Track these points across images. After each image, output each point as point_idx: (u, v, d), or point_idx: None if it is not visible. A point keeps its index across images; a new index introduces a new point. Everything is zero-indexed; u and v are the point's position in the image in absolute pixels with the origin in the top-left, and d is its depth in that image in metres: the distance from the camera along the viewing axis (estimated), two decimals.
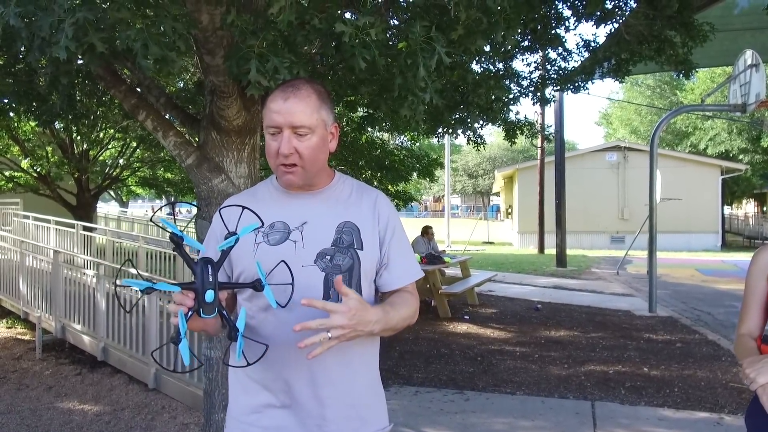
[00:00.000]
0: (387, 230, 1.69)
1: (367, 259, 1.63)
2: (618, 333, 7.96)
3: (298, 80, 1.62)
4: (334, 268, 1.59)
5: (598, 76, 6.70)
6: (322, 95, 1.59)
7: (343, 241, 1.61)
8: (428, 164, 10.17)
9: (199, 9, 2.47)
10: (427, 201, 67.01)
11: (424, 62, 2.31)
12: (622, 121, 34.44)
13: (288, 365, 1.57)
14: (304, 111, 1.54)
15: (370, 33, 2.25)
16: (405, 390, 5.50)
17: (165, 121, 3.08)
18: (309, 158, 1.56)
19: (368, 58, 2.23)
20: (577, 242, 22.47)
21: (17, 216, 12.23)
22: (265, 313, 1.60)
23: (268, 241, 1.60)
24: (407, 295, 1.73)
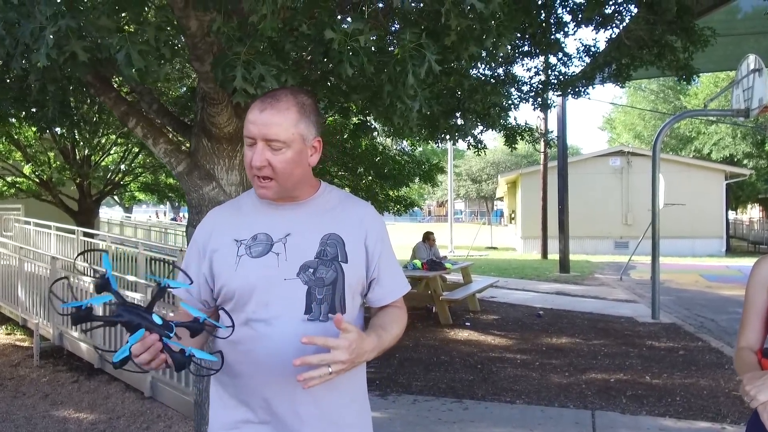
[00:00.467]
0: (376, 245, 1.66)
1: (351, 273, 1.59)
2: (620, 340, 7.89)
3: (282, 91, 1.57)
4: (317, 281, 1.55)
5: (599, 81, 6.66)
6: (304, 108, 1.54)
7: (327, 253, 1.57)
8: (429, 169, 10.13)
9: (188, 15, 2.43)
10: (431, 206, 66.96)
11: (413, 70, 2.27)
12: (625, 126, 34.33)
13: (268, 381, 1.53)
14: (280, 124, 1.49)
15: (359, 40, 2.21)
16: (403, 398, 5.45)
17: (155, 128, 3.04)
18: (282, 172, 1.52)
19: (356, 65, 2.19)
20: (580, 248, 22.38)
21: (18, 222, 12.22)
22: (245, 328, 1.55)
23: (250, 253, 1.56)
24: (397, 311, 1.71)
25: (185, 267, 1.66)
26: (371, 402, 1.74)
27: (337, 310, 1.56)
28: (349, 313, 1.59)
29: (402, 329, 1.68)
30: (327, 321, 1.54)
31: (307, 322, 1.52)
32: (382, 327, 1.60)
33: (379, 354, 1.56)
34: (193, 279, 1.61)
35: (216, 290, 1.60)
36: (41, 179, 12.94)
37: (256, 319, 1.53)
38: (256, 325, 1.53)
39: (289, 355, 1.48)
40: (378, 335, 1.53)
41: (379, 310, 1.72)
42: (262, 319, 1.53)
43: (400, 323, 1.68)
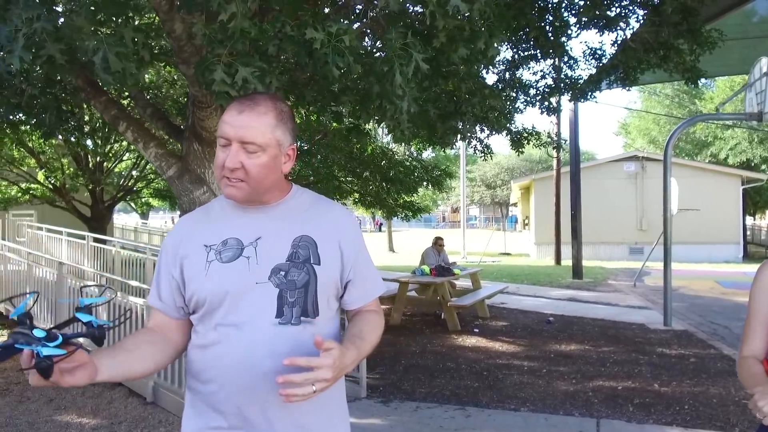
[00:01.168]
0: (352, 247, 1.63)
1: (324, 275, 1.56)
2: (630, 347, 7.76)
3: (261, 95, 1.55)
4: (288, 284, 1.52)
5: (606, 85, 6.59)
6: (282, 114, 1.52)
7: (299, 255, 1.54)
8: (438, 175, 10.07)
9: (172, 18, 2.41)
10: (444, 212, 66.79)
11: (400, 69, 2.23)
12: (640, 131, 34.03)
13: (239, 386, 1.50)
14: (257, 128, 1.47)
15: (344, 39, 2.17)
16: (406, 405, 5.38)
17: (146, 132, 3.03)
18: (255, 176, 1.49)
19: (341, 65, 2.16)
20: (594, 253, 22.16)
21: (31, 227, 12.34)
22: (214, 333, 1.52)
23: (220, 258, 1.53)
24: (373, 316, 1.69)
25: (156, 278, 1.64)
26: (373, 408, 1.73)
27: (310, 314, 1.53)
28: (322, 316, 1.56)
29: (379, 335, 1.66)
30: (299, 324, 1.51)
31: (278, 325, 1.50)
32: (360, 336, 1.57)
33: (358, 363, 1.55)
34: (163, 291, 1.60)
35: (187, 297, 1.56)
36: (55, 186, 13.10)
37: (226, 323, 1.50)
38: (226, 330, 1.50)
39: (260, 360, 1.47)
40: (357, 347, 1.51)
41: (355, 314, 1.69)
42: (232, 324, 1.50)
43: (378, 329, 1.67)
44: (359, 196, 10.28)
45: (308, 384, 1.32)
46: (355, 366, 1.50)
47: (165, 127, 3.31)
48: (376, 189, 9.03)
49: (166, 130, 3.32)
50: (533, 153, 41.83)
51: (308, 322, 1.53)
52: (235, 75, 2.01)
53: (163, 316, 1.61)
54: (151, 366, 1.55)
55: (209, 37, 2.19)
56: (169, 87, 9.27)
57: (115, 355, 1.45)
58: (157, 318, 1.62)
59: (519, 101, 6.58)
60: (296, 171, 9.51)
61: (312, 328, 1.53)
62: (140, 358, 1.50)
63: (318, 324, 1.55)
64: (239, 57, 2.18)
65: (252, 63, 2.15)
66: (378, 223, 50.61)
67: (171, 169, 3.01)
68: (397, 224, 44.36)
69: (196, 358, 1.56)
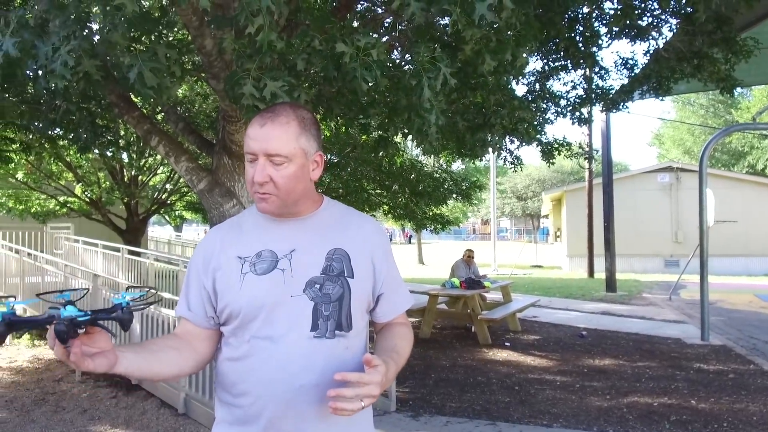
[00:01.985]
0: (383, 260, 1.63)
1: (357, 288, 1.56)
2: (666, 362, 7.59)
3: (281, 105, 1.54)
4: (323, 297, 1.51)
5: (639, 95, 6.50)
6: (305, 122, 1.51)
7: (333, 269, 1.54)
8: (467, 188, 10.02)
9: (203, 34, 2.45)
10: (475, 224, 66.43)
11: (428, 83, 2.23)
12: (674, 142, 33.47)
13: (273, 400, 1.49)
14: (280, 138, 1.47)
15: (372, 53, 2.18)
16: (435, 420, 5.33)
17: (177, 146, 3.08)
18: (284, 188, 1.49)
19: (369, 79, 2.16)
20: (629, 266, 21.79)
21: (68, 240, 12.61)
22: (248, 345, 1.52)
23: (255, 270, 1.53)
24: (403, 329, 1.69)
25: (185, 289, 1.64)
26: (403, 422, 1.74)
27: (344, 327, 1.53)
28: (355, 329, 1.56)
29: (411, 347, 1.67)
30: (333, 338, 1.51)
31: (313, 339, 1.49)
32: (396, 351, 1.58)
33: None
34: (192, 301, 1.60)
35: (219, 308, 1.56)
36: (91, 199, 13.38)
37: (261, 336, 1.50)
38: (261, 343, 1.50)
39: (295, 374, 1.47)
40: (395, 361, 1.53)
41: (384, 327, 1.68)
42: (267, 337, 1.49)
43: (409, 342, 1.68)
44: (388, 208, 10.28)
45: (357, 399, 1.33)
46: (392, 380, 1.51)
47: (196, 141, 3.36)
48: (405, 201, 9.02)
49: (197, 144, 3.36)
50: (565, 164, 41.43)
51: (342, 335, 1.52)
52: (263, 89, 2.03)
53: (192, 326, 1.60)
54: (174, 370, 1.54)
55: (238, 52, 2.22)
56: (202, 102, 9.43)
57: (138, 351, 1.44)
58: (185, 327, 1.62)
59: (549, 112, 6.52)
60: (326, 183, 9.57)
61: (345, 341, 1.53)
62: (163, 361, 1.49)
63: (351, 337, 1.55)
64: (268, 71, 2.20)
65: (280, 77, 2.17)
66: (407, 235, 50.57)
67: (201, 183, 3.05)
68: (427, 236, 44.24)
69: (228, 370, 1.56)
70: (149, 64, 2.00)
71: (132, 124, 3.04)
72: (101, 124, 4.47)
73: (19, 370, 7.57)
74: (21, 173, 12.42)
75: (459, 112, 3.82)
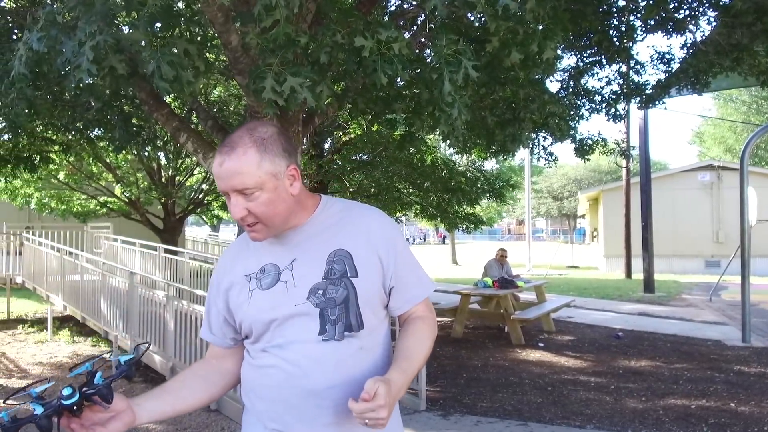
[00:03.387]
0: (389, 253, 1.58)
1: (363, 287, 1.52)
2: (705, 364, 7.38)
3: (237, 134, 1.47)
4: (328, 301, 1.50)
5: (676, 91, 6.34)
6: (264, 144, 1.44)
7: (335, 271, 1.52)
8: (501, 187, 9.92)
9: (228, 30, 2.46)
10: (510, 224, 65.84)
11: (450, 76, 2.19)
12: (715, 140, 32.63)
13: (288, 405, 1.50)
14: (242, 172, 1.41)
15: (393, 47, 2.15)
16: (466, 419, 5.28)
17: (205, 143, 3.10)
18: (265, 215, 1.46)
19: (390, 73, 2.14)
20: (667, 267, 21.29)
21: (107, 239, 12.89)
22: (264, 355, 1.54)
23: (260, 286, 1.54)
24: (420, 324, 1.63)
25: (207, 310, 1.69)
26: (432, 421, 1.70)
27: (354, 327, 1.51)
28: (368, 327, 1.53)
29: (431, 341, 1.61)
30: (342, 339, 1.49)
31: (321, 342, 1.48)
32: (406, 357, 1.53)
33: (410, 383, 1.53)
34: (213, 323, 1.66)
35: (237, 325, 1.60)
36: (130, 199, 13.66)
37: (273, 345, 1.52)
38: (274, 351, 1.52)
39: (305, 378, 1.47)
40: (403, 370, 1.47)
41: (404, 322, 1.65)
42: (278, 345, 1.51)
43: (427, 338, 1.61)
44: (421, 207, 10.24)
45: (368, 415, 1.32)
46: (407, 387, 1.47)
47: (224, 138, 3.38)
48: (437, 200, 8.96)
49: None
50: (602, 163, 40.76)
51: (353, 336, 1.51)
52: (283, 84, 2.02)
53: (215, 348, 1.67)
54: (203, 398, 1.61)
55: (262, 47, 2.22)
56: (237, 103, 9.54)
57: (158, 396, 1.53)
58: (212, 349, 1.69)
59: (584, 108, 6.41)
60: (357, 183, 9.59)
61: (357, 341, 1.51)
62: (186, 398, 1.57)
63: (363, 336, 1.53)
64: (289, 66, 2.20)
65: (301, 73, 2.16)
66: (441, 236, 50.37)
67: None
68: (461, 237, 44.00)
69: (248, 376, 1.59)
70: (167, 57, 2.01)
71: (161, 121, 3.07)
72: (135, 123, 4.54)
73: (59, 366, 7.76)
74: (63, 174, 12.76)
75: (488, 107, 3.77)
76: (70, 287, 9.42)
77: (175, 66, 2.02)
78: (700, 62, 5.38)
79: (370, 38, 2.15)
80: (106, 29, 2.03)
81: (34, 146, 8.35)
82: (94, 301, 8.53)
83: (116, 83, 2.16)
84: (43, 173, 11.45)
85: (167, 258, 11.31)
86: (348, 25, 2.35)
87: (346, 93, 2.95)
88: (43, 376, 7.20)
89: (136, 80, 2.55)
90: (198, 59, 2.13)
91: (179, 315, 6.33)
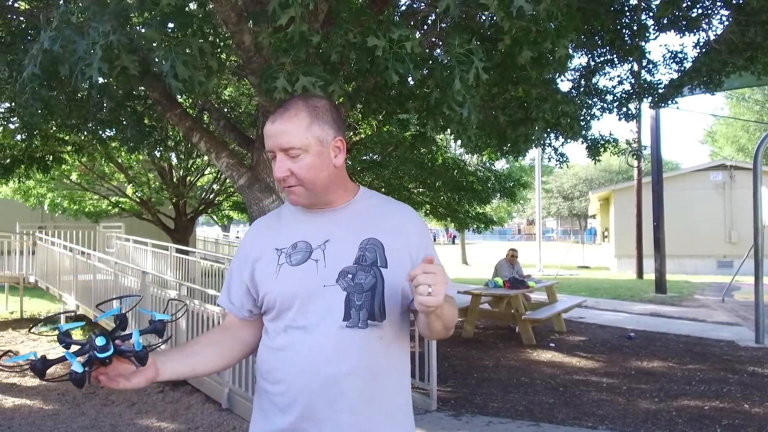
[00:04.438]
0: (419, 249, 1.60)
1: (391, 278, 1.54)
2: (718, 365, 7.32)
3: (293, 99, 1.56)
4: (356, 287, 1.51)
5: (689, 90, 6.28)
6: (316, 111, 1.52)
7: (366, 258, 1.54)
8: (512, 186, 9.88)
9: (241, 30, 2.46)
10: (520, 224, 65.64)
11: (460, 75, 2.18)
12: (728, 139, 32.36)
13: (307, 388, 1.50)
14: (291, 132, 1.48)
15: (405, 46, 2.15)
16: (477, 420, 5.26)
17: (218, 142, 3.11)
18: (306, 178, 1.51)
19: (401, 71, 2.14)
20: (679, 267, 21.14)
21: (119, 239, 12.96)
22: (285, 335, 1.54)
23: (290, 261, 1.55)
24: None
25: (228, 279, 1.70)
26: (444, 421, 1.69)
27: (377, 317, 1.52)
28: (389, 319, 1.54)
29: (455, 318, 1.59)
30: (365, 327, 1.51)
31: (345, 328, 1.49)
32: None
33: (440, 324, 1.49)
34: (233, 293, 1.66)
35: (259, 299, 1.60)
36: (141, 199, 13.73)
37: (295, 326, 1.52)
38: (295, 333, 1.52)
39: (326, 363, 1.48)
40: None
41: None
42: (301, 327, 1.52)
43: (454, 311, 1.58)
44: (431, 207, 10.23)
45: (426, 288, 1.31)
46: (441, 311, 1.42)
47: (237, 138, 3.39)
48: (447, 200, 8.94)
49: (238, 141, 3.40)
50: (612, 163, 40.54)
51: (375, 325, 1.52)
52: (295, 83, 2.02)
53: (232, 317, 1.68)
54: (219, 364, 1.64)
55: (274, 47, 2.22)
56: (248, 103, 9.57)
57: (178, 357, 1.55)
58: (229, 318, 1.70)
59: (595, 108, 6.37)
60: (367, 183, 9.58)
61: (379, 331, 1.52)
62: (205, 360, 1.59)
63: (384, 326, 1.53)
64: (301, 66, 2.19)
65: (313, 72, 2.16)
66: (451, 236, 50.29)
67: (242, 179, 3.08)
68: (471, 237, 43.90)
69: (267, 358, 1.59)
70: (182, 57, 2.01)
71: (174, 121, 3.08)
72: (148, 124, 4.56)
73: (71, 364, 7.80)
74: (75, 174, 12.83)
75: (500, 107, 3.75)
76: (82, 287, 9.48)
77: (188, 65, 2.03)
78: (713, 61, 5.33)
79: (383, 37, 2.14)
80: (120, 29, 2.04)
81: (47, 147, 8.41)
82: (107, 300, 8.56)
83: (129, 83, 2.17)
84: (56, 173, 11.53)
85: (178, 258, 11.37)
86: (360, 24, 2.35)
87: (358, 93, 2.95)
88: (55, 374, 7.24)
89: (148, 80, 2.56)
90: (211, 58, 2.14)
91: (190, 314, 6.35)
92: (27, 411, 5.84)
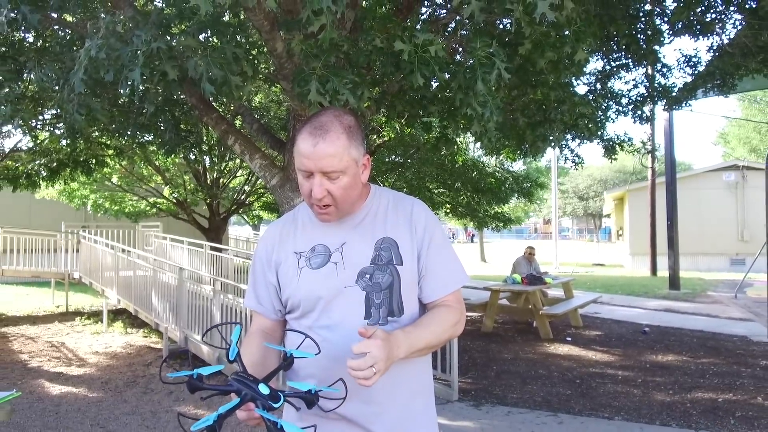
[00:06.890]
0: (423, 240, 1.58)
1: (407, 274, 1.54)
2: (732, 359, 7.19)
3: (327, 118, 1.49)
4: (374, 286, 1.52)
5: (702, 93, 6.18)
6: (351, 131, 1.47)
7: (382, 258, 1.53)
8: (529, 186, 9.81)
9: (274, 37, 2.48)
10: (537, 223, 65.14)
11: (483, 77, 2.18)
12: (740, 140, 31.75)
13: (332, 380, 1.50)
14: (334, 155, 1.43)
15: (429, 50, 2.14)
16: (497, 410, 5.24)
17: (252, 145, 3.13)
18: (342, 198, 1.49)
19: (426, 74, 2.13)
20: (693, 265, 20.81)
21: (157, 238, 13.14)
22: (310, 333, 1.52)
23: (310, 265, 1.56)
24: (442, 309, 1.59)
25: (252, 282, 1.68)
26: (465, 411, 1.68)
27: (395, 313, 1.53)
28: (407, 314, 1.55)
29: (449, 326, 1.56)
30: (386, 324, 1.51)
31: (367, 326, 1.49)
32: (414, 324, 1.51)
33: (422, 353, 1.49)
34: (261, 295, 1.64)
35: (284, 300, 1.61)
36: (178, 200, 13.88)
37: (319, 326, 1.53)
38: (320, 331, 1.52)
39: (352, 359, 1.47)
40: (406, 333, 1.44)
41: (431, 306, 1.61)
42: (325, 326, 1.52)
43: (443, 321, 1.55)
44: (451, 207, 10.21)
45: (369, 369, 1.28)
46: (407, 352, 1.40)
47: (269, 141, 3.42)
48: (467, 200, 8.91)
49: (271, 143, 3.42)
50: (627, 164, 40.03)
51: (395, 321, 1.52)
52: (326, 85, 2.03)
53: (263, 319, 1.66)
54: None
55: (305, 53, 2.23)
56: (277, 108, 9.63)
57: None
58: (258, 321, 1.67)
59: (611, 111, 6.30)
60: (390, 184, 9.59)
61: (398, 326, 1.51)
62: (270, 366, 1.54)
63: (403, 321, 1.53)
64: (332, 70, 2.20)
65: (344, 76, 2.17)
66: (470, 234, 50.07)
67: (274, 179, 3.10)
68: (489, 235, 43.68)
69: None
70: (217, 62, 2.03)
71: (211, 124, 3.12)
72: (184, 128, 4.61)
73: (114, 355, 7.93)
74: (116, 177, 13.03)
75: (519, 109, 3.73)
76: (123, 282, 9.62)
77: (224, 70, 2.05)
78: (727, 64, 5.24)
79: (408, 42, 2.14)
80: (160, 37, 2.07)
81: (90, 151, 8.56)
82: (146, 295, 8.70)
83: (168, 88, 2.21)
84: (98, 176, 11.70)
85: (213, 255, 11.48)
86: (386, 31, 2.35)
87: (383, 96, 2.96)
88: (99, 364, 7.36)
89: (187, 86, 2.59)
90: (246, 64, 2.16)
91: (225, 308, 6.42)
92: (73, 398, 5.94)
